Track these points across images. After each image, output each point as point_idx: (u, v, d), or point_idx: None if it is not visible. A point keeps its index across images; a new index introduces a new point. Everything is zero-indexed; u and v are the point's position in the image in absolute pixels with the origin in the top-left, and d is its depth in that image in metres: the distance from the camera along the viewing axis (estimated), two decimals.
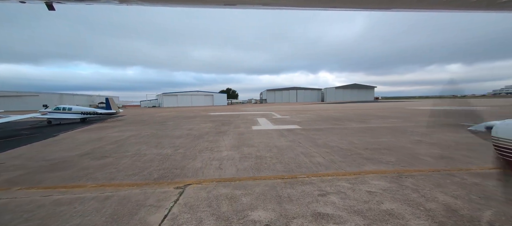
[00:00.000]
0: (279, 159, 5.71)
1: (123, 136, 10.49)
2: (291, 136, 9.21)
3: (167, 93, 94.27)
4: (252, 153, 6.47)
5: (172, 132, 11.21)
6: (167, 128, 13.29)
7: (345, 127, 11.76)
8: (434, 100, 78.05)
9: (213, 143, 8.15)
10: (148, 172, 4.96)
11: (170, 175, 4.75)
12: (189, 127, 13.51)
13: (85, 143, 8.92)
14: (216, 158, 6.02)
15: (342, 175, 4.44)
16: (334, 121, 14.93)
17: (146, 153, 6.82)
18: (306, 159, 5.65)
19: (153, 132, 11.43)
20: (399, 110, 25.39)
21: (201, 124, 15.27)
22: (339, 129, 11.04)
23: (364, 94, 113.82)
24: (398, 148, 6.71)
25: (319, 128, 11.58)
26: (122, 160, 6.06)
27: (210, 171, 4.95)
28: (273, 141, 8.18)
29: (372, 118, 16.42)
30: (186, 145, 7.82)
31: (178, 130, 12.20)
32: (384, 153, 6.13)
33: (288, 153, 6.31)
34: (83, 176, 4.81)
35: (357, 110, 26.18)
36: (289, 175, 4.53)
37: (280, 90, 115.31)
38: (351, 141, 7.94)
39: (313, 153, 6.25)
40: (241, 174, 4.67)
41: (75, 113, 18.27)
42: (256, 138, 8.89)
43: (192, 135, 10.04)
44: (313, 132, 10.34)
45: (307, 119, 17.11)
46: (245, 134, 10.16)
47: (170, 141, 8.78)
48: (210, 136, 9.63)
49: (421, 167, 4.84)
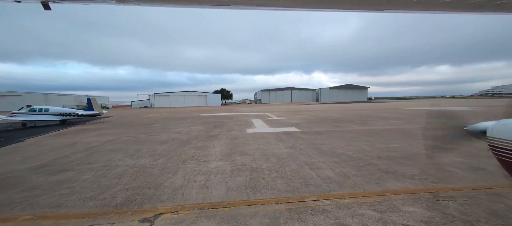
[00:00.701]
0: (279, 172, 4.68)
1: (100, 141, 9.22)
2: (291, 141, 8.21)
3: (159, 94, 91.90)
4: (246, 163, 5.41)
5: (157, 136, 10.00)
6: (153, 131, 12.05)
7: (347, 130, 10.87)
8: (428, 100, 79.11)
9: (202, 150, 7.04)
10: (110, 193, 3.82)
11: (139, 198, 3.63)
12: (178, 129, 12.30)
13: (51, 150, 7.62)
14: (202, 171, 4.93)
15: (362, 197, 3.45)
16: (334, 123, 14.06)
17: (118, 164, 5.64)
18: (312, 172, 4.64)
19: (135, 136, 10.18)
20: (396, 111, 24.90)
21: (191, 126, 14.08)
22: (341, 132, 10.13)
23: (357, 95, 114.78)
24: (415, 156, 5.80)
25: (320, 131, 10.64)
26: (84, 174, 4.87)
27: (192, 191, 3.86)
28: (271, 148, 7.15)
29: (372, 119, 15.67)
30: (169, 153, 6.68)
31: (164, 133, 11.00)
32: (402, 163, 5.20)
33: (290, 164, 5.29)
34: (21, 201, 3.62)
35: (354, 111, 25.54)
36: (294, 198, 3.50)
37: (275, 90, 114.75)
38: (359, 146, 7.01)
39: (320, 164, 5.25)
40: (233, 196, 3.61)
41: (52, 115, 16.68)
42: (251, 144, 7.83)
43: (178, 140, 8.87)
44: (313, 135, 9.38)
45: (305, 120, 16.19)
46: (239, 138, 9.08)
47: (152, 147, 7.61)
48: (199, 141, 8.50)
49: (456, 184, 3.92)
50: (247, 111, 31.92)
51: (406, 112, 22.34)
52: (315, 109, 33.06)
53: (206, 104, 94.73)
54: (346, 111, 25.52)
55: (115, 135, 10.87)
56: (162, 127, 13.75)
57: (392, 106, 38.24)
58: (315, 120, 16.39)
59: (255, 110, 32.54)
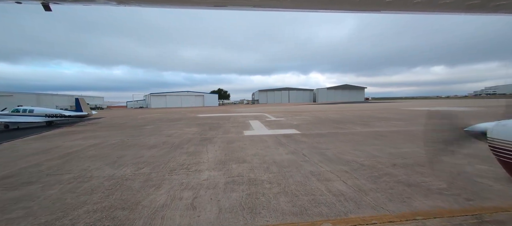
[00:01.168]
0: (282, 186, 3.96)
1: (83, 145, 8.38)
2: (292, 145, 7.50)
3: (155, 94, 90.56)
4: (243, 174, 4.68)
5: (146, 140, 9.19)
6: (143, 133, 11.22)
7: (350, 132, 10.22)
8: (424, 100, 79.43)
9: (194, 156, 6.28)
10: (72, 218, 3.05)
11: (107, 224, 2.87)
12: (170, 132, 11.50)
13: (23, 157, 6.77)
14: (191, 184, 4.18)
15: (389, 222, 2.75)
16: (335, 124, 13.41)
17: (95, 174, 4.85)
18: (321, 186, 3.93)
19: (122, 140, 9.36)
20: (396, 111, 24.44)
21: (185, 128, 13.28)
22: (344, 134, 9.47)
23: (355, 95, 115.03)
24: (435, 162, 5.15)
25: (322, 133, 9.96)
26: (49, 189, 4.08)
27: (176, 213, 3.11)
28: (271, 153, 6.42)
29: (374, 120, 15.08)
30: (156, 160, 5.90)
31: (155, 136, 10.19)
32: (422, 172, 4.53)
33: (294, 174, 4.57)
34: None
35: (353, 112, 25.00)
36: (303, 223, 2.78)
37: (272, 91, 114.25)
38: (368, 151, 6.33)
39: (328, 174, 4.55)
40: (225, 221, 2.87)
41: (37, 116, 15.70)
42: (249, 148, 7.10)
43: (169, 144, 8.09)
44: (316, 138, 8.69)
45: (304, 121, 15.52)
46: (235, 141, 8.34)
47: (138, 153, 6.82)
48: (192, 145, 7.73)
49: (496, 201, 3.25)
50: (244, 112, 31.16)
51: (406, 113, 21.86)
52: (313, 110, 32.48)
53: (203, 104, 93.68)
54: (345, 112, 24.97)
55: (101, 138, 10.02)
56: (154, 129, 12.92)
57: (390, 106, 37.90)
58: (315, 121, 15.73)
59: (252, 111, 31.81)
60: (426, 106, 34.19)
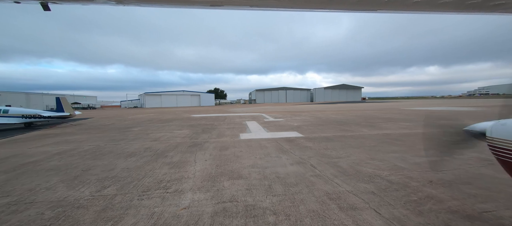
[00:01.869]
0: (292, 220, 2.82)
1: (48, 152, 7.10)
2: (296, 151, 6.38)
3: (150, 93, 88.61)
4: (238, 197, 3.53)
5: (127, 145, 7.96)
6: (126, 137, 9.96)
7: (359, 134, 9.16)
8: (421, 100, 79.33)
9: (177, 168, 5.10)
10: None
11: None
12: (157, 135, 10.27)
13: None
14: (164, 216, 3.02)
15: None
16: (339, 125, 12.36)
17: (38, 198, 3.64)
18: (347, 218, 2.81)
19: (99, 145, 8.10)
20: (397, 111, 23.60)
21: (175, 130, 12.04)
22: (354, 138, 8.40)
23: (352, 95, 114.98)
24: (480, 177, 4.09)
25: (327, 137, 8.88)
26: None
27: None
28: (272, 164, 5.29)
29: (379, 121, 14.09)
30: (129, 175, 4.71)
31: (138, 140, 8.95)
32: (475, 194, 3.45)
33: (305, 197, 3.44)
34: None
35: (354, 112, 24.07)
36: None
37: (270, 90, 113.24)
38: (389, 161, 5.25)
39: (350, 197, 3.44)
40: None
41: (13, 117, 14.24)
42: (246, 157, 5.95)
43: (152, 151, 6.89)
44: (322, 143, 7.59)
45: (305, 122, 14.44)
46: (230, 147, 7.18)
47: (111, 163, 5.60)
48: (178, 153, 6.55)
49: None
50: (241, 112, 29.98)
51: (409, 113, 21.01)
52: (312, 109, 31.50)
53: (199, 104, 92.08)
54: (346, 112, 24.02)
55: (75, 143, 8.74)
56: (141, 132, 11.65)
57: (389, 106, 37.21)
58: (317, 122, 14.66)
59: (249, 111, 30.65)
60: (425, 106, 33.60)
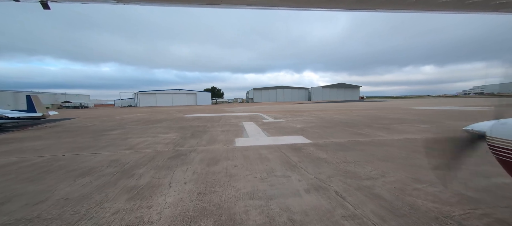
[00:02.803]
0: None
1: None
2: (309, 167, 4.80)
3: (144, 92, 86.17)
4: None
5: (89, 157, 6.26)
6: (97, 144, 8.25)
7: (378, 140, 7.63)
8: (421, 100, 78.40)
9: (139, 200, 3.47)
10: None
11: None
12: (136, 141, 8.58)
13: None
14: None
15: None
16: (348, 128, 10.84)
17: None
18: None
19: (56, 156, 6.39)
20: (404, 111, 22.25)
21: (161, 134, 10.37)
22: (374, 145, 6.87)
23: (350, 94, 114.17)
24: None
25: (341, 143, 7.32)
26: None
27: None
28: (280, 191, 3.69)
29: (391, 122, 12.62)
30: (60, 214, 3.06)
31: (109, 149, 7.27)
32: None
33: None
34: None
35: (357, 111, 22.63)
36: None
37: (267, 89, 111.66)
38: (450, 187, 3.70)
39: None
40: None
41: None
42: (241, 177, 4.34)
43: (117, 166, 5.23)
44: (339, 153, 6.02)
45: (309, 123, 12.87)
46: (221, 160, 5.56)
47: (49, 188, 3.93)
48: (151, 170, 4.90)
49: None
50: (238, 111, 28.34)
51: (418, 113, 19.65)
52: (312, 109, 30.03)
53: (195, 103, 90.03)
54: (349, 112, 22.58)
55: (30, 152, 7.01)
56: (119, 136, 9.94)
57: (391, 106, 36.00)
58: (321, 123, 13.11)
59: (247, 111, 29.01)
60: (429, 106, 32.45)
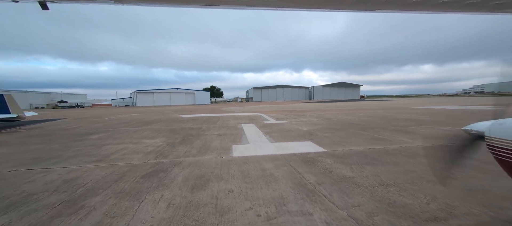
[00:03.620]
0: None
1: None
2: (334, 194, 3.39)
3: (142, 91, 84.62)
4: None
5: (40, 176, 4.82)
6: (64, 153, 6.82)
7: (405, 148, 6.24)
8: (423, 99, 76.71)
9: None
10: None
11: None
12: (112, 149, 7.15)
13: None
14: None
15: None
16: (362, 131, 9.44)
17: None
18: None
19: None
20: (412, 111, 20.88)
21: (145, 139, 8.94)
22: (404, 156, 5.47)
23: (350, 93, 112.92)
24: None
25: (362, 152, 5.92)
26: None
27: None
28: None
29: (408, 124, 11.23)
30: None
31: (75, 160, 5.84)
32: None
33: None
34: None
35: (363, 111, 21.24)
36: None
37: (267, 88, 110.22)
38: None
39: None
40: None
41: None
42: (238, 212, 2.93)
43: (66, 192, 3.81)
44: (366, 168, 4.61)
45: (316, 125, 11.46)
46: (212, 180, 4.15)
47: None
48: (112, 197, 3.49)
49: None
50: (237, 111, 26.92)
51: (427, 113, 18.27)
52: (314, 108, 28.64)
53: (194, 102, 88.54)
54: (355, 112, 21.20)
55: None
56: (97, 141, 8.50)
57: (395, 105, 34.68)
58: (329, 124, 11.71)
59: (246, 110, 27.60)
60: (436, 105, 31.17)
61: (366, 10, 1.66)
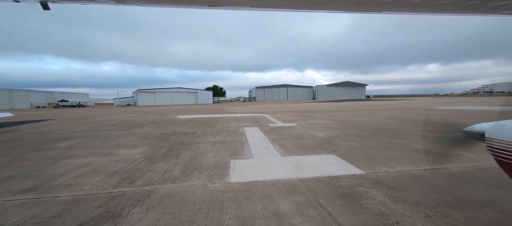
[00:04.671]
0: None
1: None
2: None
3: (143, 90, 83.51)
4: None
5: None
6: (2, 171, 5.08)
7: (474, 167, 4.33)
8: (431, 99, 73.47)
9: None
10: None
11: None
12: (72, 165, 5.38)
13: None
14: None
15: None
16: (395, 139, 7.52)
17: None
18: None
19: None
20: (434, 112, 18.77)
21: (121, 149, 7.17)
22: (489, 186, 3.57)
23: (355, 92, 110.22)
24: None
25: (418, 176, 4.02)
26: None
27: None
28: None
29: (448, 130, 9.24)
30: None
31: (11, 183, 4.08)
32: None
33: None
34: None
35: (378, 112, 19.19)
36: None
37: (270, 87, 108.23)
38: None
39: None
40: None
41: None
42: None
43: None
44: (446, 212, 2.74)
45: (332, 130, 9.54)
46: None
47: None
48: None
49: None
50: (239, 111, 25.10)
51: (451, 114, 16.17)
52: (322, 108, 26.67)
53: (196, 102, 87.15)
54: (368, 113, 19.19)
55: None
56: (59, 152, 6.76)
57: (408, 105, 32.47)
58: (347, 129, 9.78)
59: (249, 111, 25.76)
60: (451, 106, 28.89)
61: (367, 11, 1.65)
